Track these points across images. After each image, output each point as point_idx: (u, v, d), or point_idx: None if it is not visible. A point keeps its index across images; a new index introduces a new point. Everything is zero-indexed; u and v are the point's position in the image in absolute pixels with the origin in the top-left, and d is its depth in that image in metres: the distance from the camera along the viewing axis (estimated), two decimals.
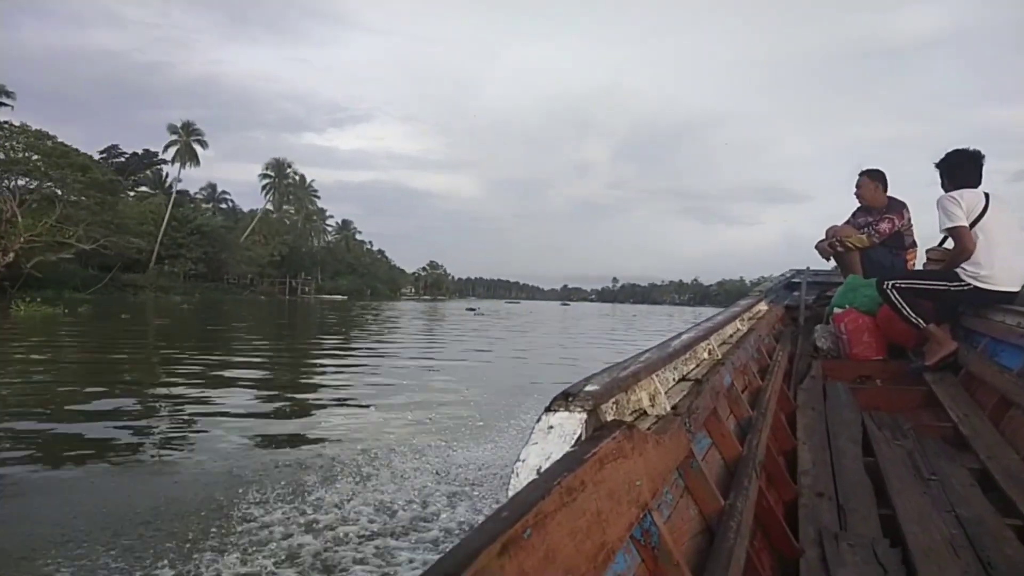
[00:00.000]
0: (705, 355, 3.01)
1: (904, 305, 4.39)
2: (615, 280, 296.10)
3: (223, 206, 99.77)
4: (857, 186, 5.56)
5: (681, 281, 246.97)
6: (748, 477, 2.12)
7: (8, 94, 51.19)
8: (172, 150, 78.05)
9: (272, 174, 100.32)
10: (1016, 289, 4.21)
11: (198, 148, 79.12)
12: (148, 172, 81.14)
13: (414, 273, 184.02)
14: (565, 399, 1.43)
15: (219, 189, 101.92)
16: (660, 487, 1.54)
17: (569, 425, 1.35)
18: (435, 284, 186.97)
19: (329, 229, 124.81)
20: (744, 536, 1.75)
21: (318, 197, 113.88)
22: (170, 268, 69.91)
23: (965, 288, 4.23)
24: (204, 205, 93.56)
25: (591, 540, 1.08)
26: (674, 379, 2.45)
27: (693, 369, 2.74)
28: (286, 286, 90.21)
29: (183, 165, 78.91)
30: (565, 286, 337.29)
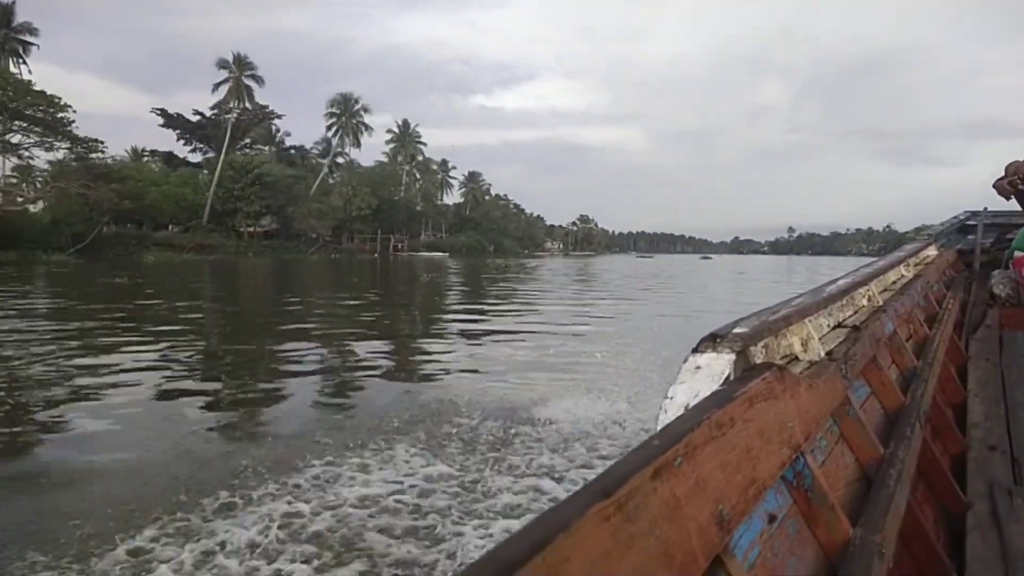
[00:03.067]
0: (864, 301, 2.87)
1: None
2: (791, 230, 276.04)
3: (339, 160, 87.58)
4: None
5: (871, 229, 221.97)
6: (911, 427, 2.03)
7: (32, 31, 52.33)
8: (224, 89, 68.08)
9: (337, 111, 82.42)
10: None
11: (253, 85, 69.19)
12: (260, 128, 75.19)
13: (564, 228, 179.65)
14: (713, 340, 1.43)
15: (334, 143, 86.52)
16: (813, 431, 1.52)
17: (717, 365, 1.36)
18: (585, 239, 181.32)
19: (454, 182, 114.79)
20: (905, 485, 1.68)
21: (424, 144, 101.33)
22: (227, 224, 61.90)
23: None
24: (320, 160, 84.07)
25: (741, 474, 1.09)
26: (829, 325, 2.36)
27: (851, 316, 2.62)
28: (377, 243, 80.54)
29: (238, 104, 68.49)
30: (736, 238, 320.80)
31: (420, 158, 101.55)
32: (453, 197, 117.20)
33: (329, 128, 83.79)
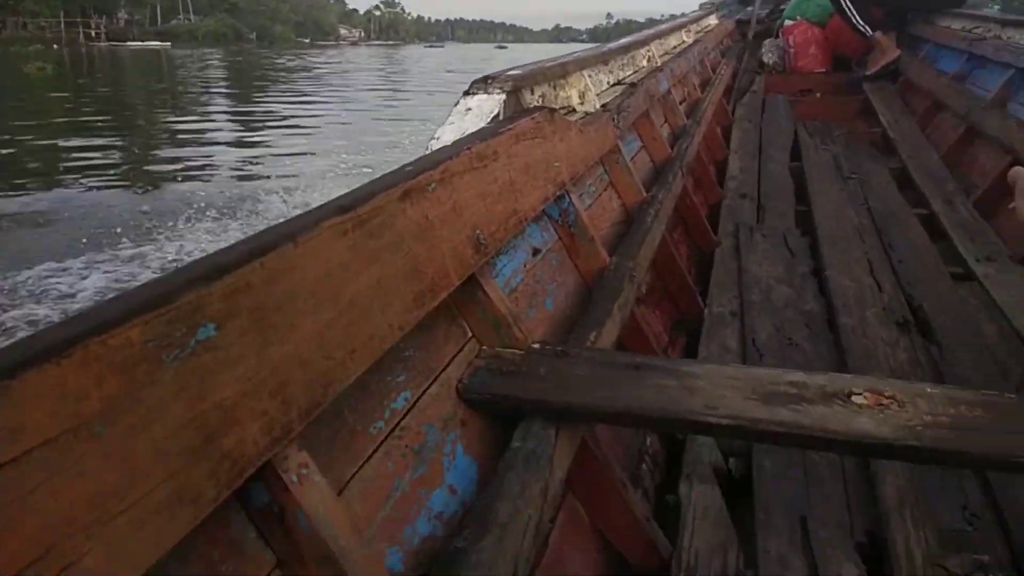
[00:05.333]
0: (644, 62, 2.95)
1: (854, 12, 4.28)
2: (609, 16, 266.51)
3: None
4: None
5: (683, 13, 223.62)
6: (673, 174, 2.19)
7: None
8: None
9: None
10: None
11: None
12: None
13: (366, 13, 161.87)
14: (484, 82, 1.41)
15: None
16: (581, 173, 1.59)
17: (487, 105, 1.34)
18: (391, 26, 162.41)
19: None
20: (662, 222, 1.84)
21: None
22: None
23: None
24: None
25: (503, 205, 1.12)
26: (608, 82, 2.41)
27: (630, 75, 2.69)
28: (61, 29, 57.65)
29: None
30: (557, 26, 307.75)
31: None
32: None
33: None
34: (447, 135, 1.25)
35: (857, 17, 4.29)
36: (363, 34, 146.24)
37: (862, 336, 1.76)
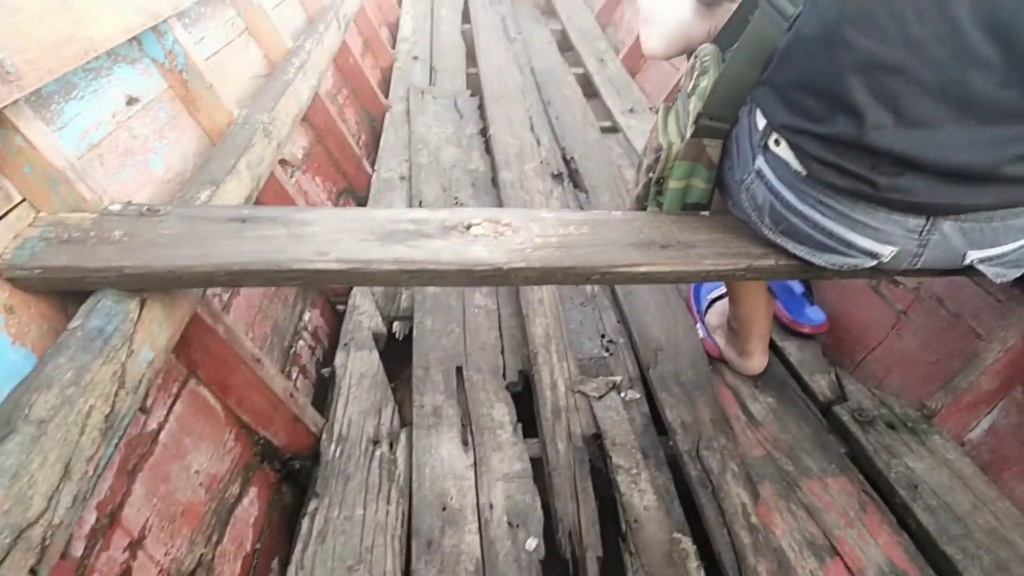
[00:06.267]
0: None
1: None
2: None
3: None
4: None
5: None
6: (326, 24, 1.99)
7: None
8: None
9: None
10: None
11: None
12: None
13: None
14: None
15: None
16: (186, 5, 1.33)
17: None
18: None
19: None
20: (310, 75, 1.66)
21: None
22: None
23: None
24: None
25: (49, 26, 0.86)
26: None
27: None
28: None
29: None
30: None
31: None
32: None
33: None
34: None
35: None
36: None
37: (520, 189, 1.79)
